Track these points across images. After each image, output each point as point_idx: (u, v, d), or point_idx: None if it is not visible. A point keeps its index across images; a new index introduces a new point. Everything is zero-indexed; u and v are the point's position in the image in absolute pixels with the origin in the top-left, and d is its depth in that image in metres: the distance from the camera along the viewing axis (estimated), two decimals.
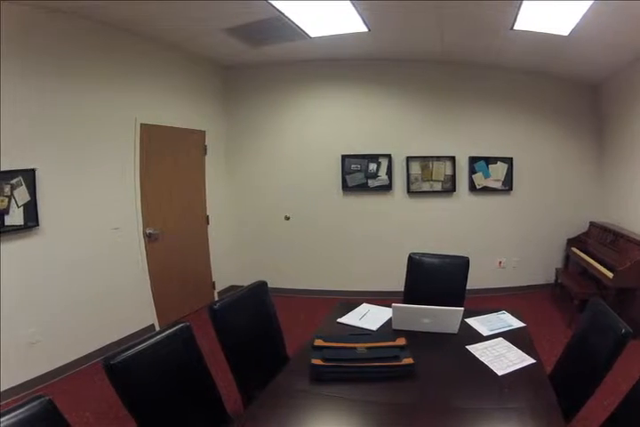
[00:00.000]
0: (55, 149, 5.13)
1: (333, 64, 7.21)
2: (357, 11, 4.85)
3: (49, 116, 5.08)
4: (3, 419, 1.96)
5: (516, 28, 5.04)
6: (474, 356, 2.88)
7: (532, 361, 2.74)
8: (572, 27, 4.79)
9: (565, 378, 2.78)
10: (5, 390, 4.64)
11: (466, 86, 7.04)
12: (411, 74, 7.09)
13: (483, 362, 2.78)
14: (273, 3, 4.63)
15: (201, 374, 3.02)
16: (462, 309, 3.28)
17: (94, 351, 5.49)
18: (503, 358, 2.78)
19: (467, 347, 3.00)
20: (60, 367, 5.19)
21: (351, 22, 5.25)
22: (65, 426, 2.15)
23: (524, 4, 4.39)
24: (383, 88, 7.23)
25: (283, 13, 4.94)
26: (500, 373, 2.63)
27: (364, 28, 5.44)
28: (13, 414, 1.99)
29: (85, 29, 5.35)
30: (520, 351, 2.86)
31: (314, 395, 2.63)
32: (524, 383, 2.53)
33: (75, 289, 5.40)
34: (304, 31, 5.58)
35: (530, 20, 4.80)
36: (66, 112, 5.22)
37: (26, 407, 2.03)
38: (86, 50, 5.41)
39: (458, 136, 7.08)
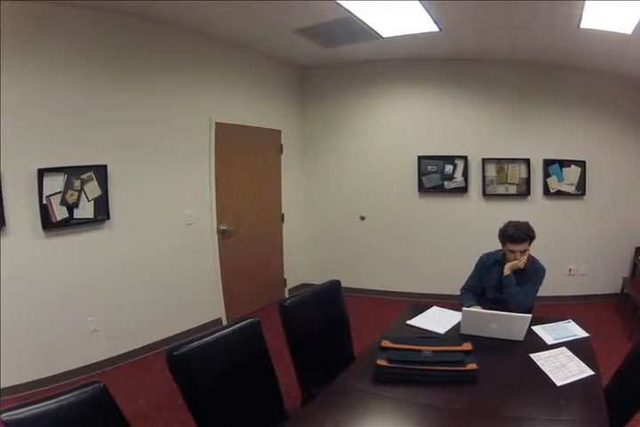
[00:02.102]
0: (129, 146, 5.44)
1: (408, 64, 7.27)
2: (427, 10, 4.88)
3: (123, 114, 5.40)
4: (56, 400, 2.08)
5: (582, 26, 4.97)
6: (536, 364, 2.87)
7: (591, 373, 2.72)
8: (635, 25, 4.70)
9: (619, 391, 2.74)
10: (62, 373, 4.92)
11: (538, 87, 6.97)
12: (483, 74, 7.08)
13: (544, 371, 2.78)
14: (341, 3, 4.69)
15: (264, 370, 3.07)
16: (530, 316, 3.29)
17: (158, 341, 5.74)
18: (564, 369, 2.77)
19: (530, 355, 2.99)
20: (120, 355, 5.46)
21: (422, 22, 5.29)
22: (116, 411, 2.27)
23: (587, 3, 4.36)
24: (458, 88, 7.24)
25: (352, 13, 5.03)
26: (558, 383, 2.62)
27: (435, 28, 5.46)
28: (67, 396, 2.11)
29: (160, 33, 5.64)
30: (581, 362, 2.85)
31: (374, 396, 2.66)
32: (580, 396, 2.51)
33: (142, 281, 5.69)
34: (376, 31, 5.66)
35: (594, 18, 4.74)
36: (140, 111, 5.53)
37: (79, 391, 2.15)
38: (160, 52, 5.67)
39: (532, 138, 7.03)
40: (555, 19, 4.92)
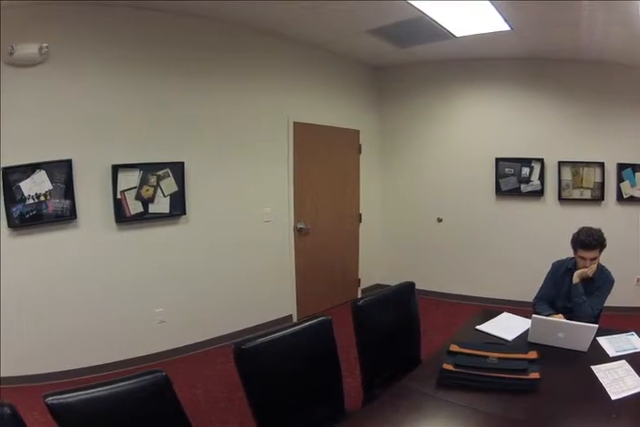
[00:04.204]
0: (207, 144, 5.75)
1: (482, 64, 7.32)
2: (496, 9, 4.93)
3: (202, 114, 5.68)
4: (113, 386, 2.23)
5: None
6: (596, 377, 2.87)
7: None
8: None
9: None
10: (125, 360, 5.26)
11: (613, 88, 6.81)
12: (557, 73, 7.02)
13: (602, 384, 2.77)
14: (412, 3, 4.79)
15: (329, 369, 3.15)
16: (596, 326, 3.32)
17: (224, 335, 6.01)
18: (620, 382, 2.76)
19: (591, 367, 2.99)
20: (184, 346, 5.75)
21: (493, 21, 5.34)
22: (174, 401, 2.40)
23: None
24: (532, 88, 7.22)
25: (424, 13, 5.13)
26: (613, 397, 2.61)
27: (506, 27, 5.50)
28: (125, 383, 2.26)
29: (237, 34, 5.93)
30: (637, 376, 2.83)
31: (435, 400, 2.69)
32: (632, 411, 2.50)
33: (213, 275, 5.99)
34: (448, 31, 5.75)
35: None
36: (219, 111, 5.81)
37: (139, 379, 2.31)
38: (238, 52, 5.93)
39: (606, 141, 6.92)
40: (617, 16, 4.91)
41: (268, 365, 2.80)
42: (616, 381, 2.82)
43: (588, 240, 3.97)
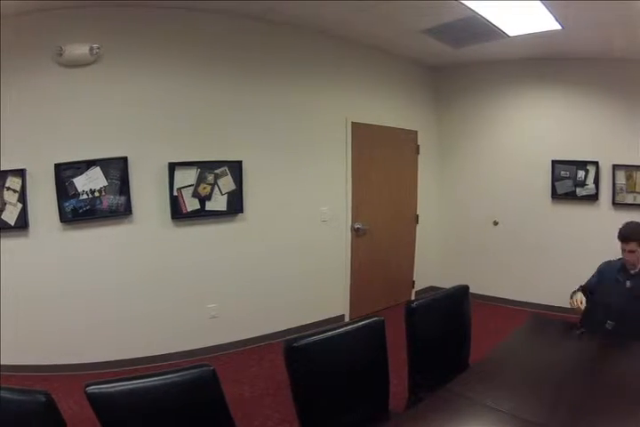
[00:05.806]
0: (266, 144, 5.94)
1: (536, 64, 7.24)
2: (547, 8, 4.94)
3: (261, 114, 5.87)
4: (164, 377, 2.31)
5: None
6: None
7: None
8: None
9: None
10: (173, 353, 5.42)
11: None
12: (610, 74, 6.82)
13: None
14: (464, 2, 4.84)
15: (378, 370, 3.16)
16: None
17: (275, 332, 6.07)
18: None
19: None
20: (234, 342, 5.87)
21: (544, 20, 5.32)
22: (219, 395, 2.45)
23: None
24: (588, 89, 7.05)
25: (476, 12, 5.15)
26: None
27: (557, 26, 5.47)
28: (171, 375, 2.33)
29: (292, 36, 6.07)
30: None
31: (479, 405, 2.68)
32: None
33: (268, 273, 6.09)
34: (501, 30, 5.73)
35: None
36: (278, 111, 5.94)
37: (186, 372, 2.36)
38: (294, 54, 6.14)
39: None
40: None
41: (318, 363, 2.86)
42: None
43: (625, 232, 4.11)
